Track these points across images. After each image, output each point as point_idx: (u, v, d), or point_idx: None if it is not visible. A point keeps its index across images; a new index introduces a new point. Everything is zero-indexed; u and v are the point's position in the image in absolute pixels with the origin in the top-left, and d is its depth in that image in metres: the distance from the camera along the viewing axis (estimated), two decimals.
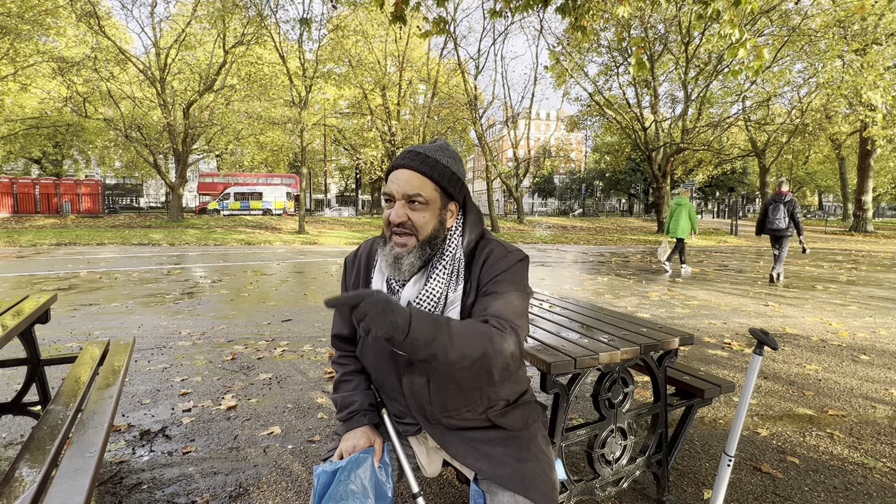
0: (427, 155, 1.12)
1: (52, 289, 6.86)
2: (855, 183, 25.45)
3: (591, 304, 2.45)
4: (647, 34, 20.00)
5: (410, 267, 1.12)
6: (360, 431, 1.23)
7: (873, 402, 3.05)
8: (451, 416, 1.21)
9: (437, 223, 1.13)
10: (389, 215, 1.12)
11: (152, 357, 3.82)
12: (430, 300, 1.12)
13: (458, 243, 1.17)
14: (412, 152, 1.13)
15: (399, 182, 1.11)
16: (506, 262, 1.15)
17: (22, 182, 23.99)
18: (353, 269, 1.30)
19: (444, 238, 1.16)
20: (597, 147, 45.31)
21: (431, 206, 1.12)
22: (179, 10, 24.09)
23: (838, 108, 21.03)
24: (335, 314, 1.35)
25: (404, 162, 1.11)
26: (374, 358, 1.24)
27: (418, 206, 1.11)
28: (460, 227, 1.19)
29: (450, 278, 1.14)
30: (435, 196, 1.12)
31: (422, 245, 1.12)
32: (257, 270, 9.22)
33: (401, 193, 1.10)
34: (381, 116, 25.67)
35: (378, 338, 0.99)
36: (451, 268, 1.14)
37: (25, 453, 1.38)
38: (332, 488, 1.13)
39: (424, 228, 1.11)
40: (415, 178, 1.10)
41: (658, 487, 1.97)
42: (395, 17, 4.62)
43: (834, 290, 7.43)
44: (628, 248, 16.62)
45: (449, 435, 1.23)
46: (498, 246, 1.19)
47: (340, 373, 1.33)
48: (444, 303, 1.13)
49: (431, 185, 1.11)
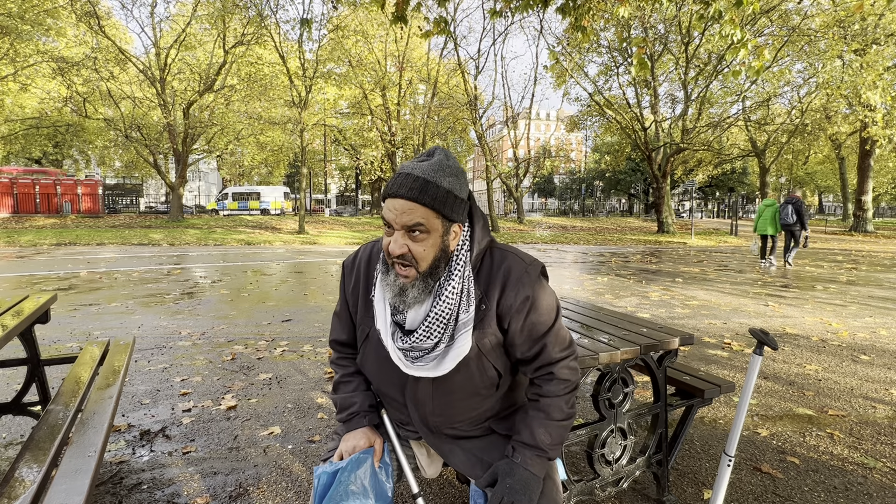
0: (426, 180, 1.01)
1: (52, 289, 6.86)
2: (855, 183, 25.45)
3: (591, 304, 2.45)
4: (648, 34, 20.00)
5: (415, 299, 1.06)
6: (360, 432, 1.23)
7: (873, 402, 3.05)
8: (453, 427, 1.21)
9: (440, 251, 1.05)
10: (389, 244, 1.04)
11: (152, 357, 3.82)
12: (440, 323, 1.06)
13: (467, 259, 1.09)
14: (410, 177, 1.01)
15: (396, 212, 1.01)
16: (529, 279, 1.10)
17: (22, 182, 23.98)
18: (353, 275, 1.24)
19: (449, 260, 1.08)
20: (597, 147, 45.29)
21: (433, 234, 1.03)
22: (179, 10, 24.08)
23: (838, 108, 21.01)
24: (334, 318, 1.33)
25: (402, 191, 1.01)
26: (376, 369, 1.21)
27: (419, 237, 1.02)
28: (468, 240, 1.11)
29: (460, 299, 1.07)
30: (436, 223, 1.03)
31: (423, 277, 1.05)
32: (257, 270, 9.22)
33: (400, 224, 1.02)
34: (381, 116, 25.67)
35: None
36: (460, 287, 1.07)
37: (25, 453, 1.38)
38: (332, 489, 1.13)
39: (425, 260, 1.04)
40: (415, 210, 1.00)
41: (658, 487, 1.97)
42: (396, 17, 4.62)
43: (834, 290, 7.43)
44: (628, 248, 16.62)
45: (450, 444, 1.23)
46: (514, 260, 1.12)
47: (340, 374, 1.32)
48: (455, 324, 1.07)
49: (433, 213, 1.02)
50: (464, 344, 1.08)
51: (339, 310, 1.30)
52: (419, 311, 1.08)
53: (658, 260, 12.14)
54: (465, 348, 1.08)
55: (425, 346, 1.07)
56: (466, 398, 1.16)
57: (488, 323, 1.10)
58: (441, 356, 1.09)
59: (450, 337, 1.08)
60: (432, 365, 1.09)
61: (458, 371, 1.11)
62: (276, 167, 39.04)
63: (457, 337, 1.08)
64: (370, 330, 1.19)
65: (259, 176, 45.34)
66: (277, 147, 28.52)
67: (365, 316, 1.20)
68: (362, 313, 1.21)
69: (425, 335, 1.07)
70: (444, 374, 1.11)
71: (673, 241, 18.93)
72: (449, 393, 1.14)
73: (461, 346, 1.08)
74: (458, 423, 1.20)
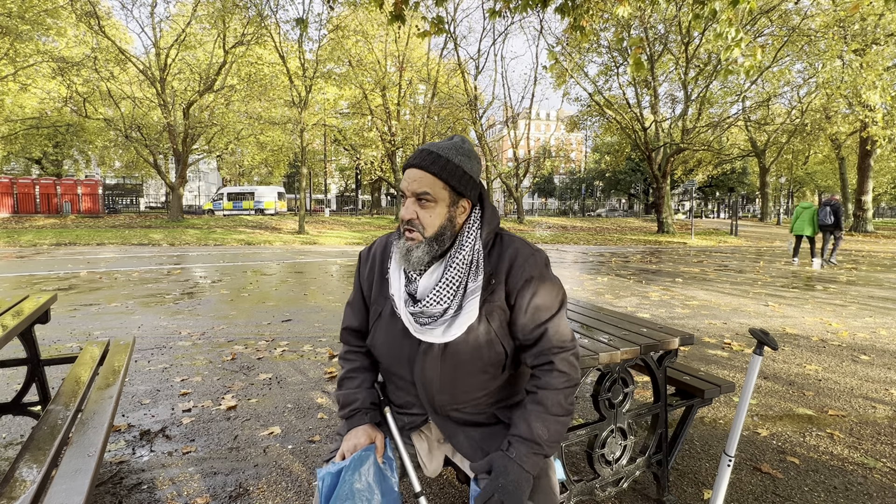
0: (439, 154, 1.15)
1: (52, 289, 6.86)
2: (855, 183, 25.45)
3: (591, 304, 2.45)
4: (647, 34, 19.98)
5: (418, 260, 1.15)
6: (361, 430, 1.24)
7: (873, 402, 3.05)
8: (458, 408, 1.23)
9: (446, 220, 1.16)
10: (401, 211, 1.17)
11: (152, 357, 3.82)
12: (449, 288, 1.14)
13: (477, 235, 1.19)
14: (425, 151, 1.16)
15: (409, 180, 1.15)
16: (535, 261, 1.18)
17: (22, 182, 23.98)
18: (368, 262, 1.33)
19: (457, 233, 1.19)
20: (597, 147, 45.30)
21: (439, 204, 1.15)
22: (179, 10, 24.09)
23: (838, 108, 21.01)
24: (346, 308, 1.38)
25: (416, 161, 1.15)
26: (387, 345, 1.25)
27: (426, 204, 1.14)
28: (478, 220, 1.21)
29: (468, 268, 1.16)
30: (444, 194, 1.15)
31: (428, 242, 1.15)
32: (257, 270, 9.22)
33: (410, 191, 1.15)
34: (381, 116, 25.68)
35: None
36: (469, 258, 1.17)
37: (25, 453, 1.38)
38: (337, 489, 1.14)
39: (430, 226, 1.15)
40: (424, 178, 1.14)
41: (658, 487, 1.97)
42: (395, 16, 4.61)
43: (834, 290, 7.44)
44: (628, 248, 16.62)
45: (453, 427, 1.25)
46: (522, 244, 1.21)
47: (346, 369, 1.35)
48: (464, 292, 1.15)
49: (440, 183, 1.14)
50: (471, 311, 1.14)
51: (353, 299, 1.37)
52: (430, 280, 1.17)
53: (658, 260, 12.14)
54: (472, 315, 1.14)
55: (435, 311, 1.15)
56: (473, 374, 1.19)
57: (497, 296, 1.17)
58: (449, 322, 1.15)
59: (458, 305, 1.15)
60: (441, 330, 1.15)
61: (466, 342, 1.16)
62: (276, 167, 39.01)
63: (465, 304, 1.15)
64: (383, 308, 1.25)
65: (259, 176, 45.34)
66: (277, 147, 28.54)
67: (379, 295, 1.28)
68: (376, 293, 1.29)
69: (435, 300, 1.14)
70: (453, 346, 1.16)
71: (673, 241, 18.93)
72: (456, 367, 1.18)
73: (469, 312, 1.15)
74: (464, 405, 1.22)
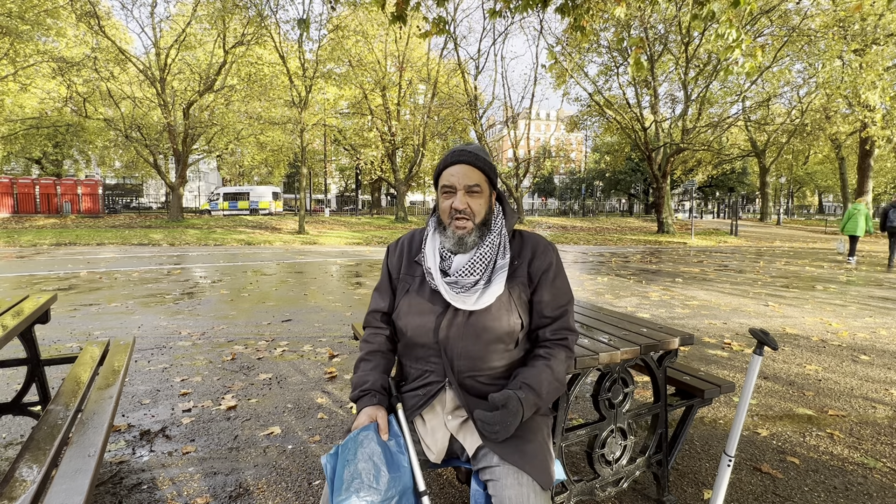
0: (475, 153, 1.35)
1: (52, 289, 6.85)
2: (855, 183, 25.44)
3: (591, 304, 2.45)
4: (647, 34, 19.97)
5: (472, 244, 1.34)
6: (364, 413, 1.29)
7: (873, 402, 3.05)
8: (474, 375, 1.33)
9: (488, 208, 1.37)
10: (452, 203, 1.32)
11: (152, 357, 3.82)
12: (482, 263, 1.33)
13: (503, 223, 1.40)
14: (464, 151, 1.35)
15: (459, 175, 1.32)
16: (552, 250, 1.42)
17: (22, 182, 23.98)
18: (396, 251, 1.49)
19: (493, 218, 1.39)
20: (597, 147, 45.28)
21: (484, 193, 1.35)
22: (179, 10, 24.08)
23: (838, 108, 21.01)
24: (373, 293, 1.52)
25: (462, 158, 1.33)
26: (414, 313, 1.37)
27: (475, 195, 1.33)
28: (501, 212, 1.42)
29: (497, 248, 1.37)
30: (486, 185, 1.36)
31: (479, 227, 1.34)
32: (257, 270, 9.22)
33: (462, 185, 1.32)
34: (381, 116, 25.68)
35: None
36: (498, 240, 1.37)
37: (25, 453, 1.38)
38: (338, 469, 1.15)
39: (479, 213, 1.34)
40: (472, 172, 1.33)
41: (658, 487, 1.97)
42: (396, 17, 4.62)
43: (834, 290, 7.43)
44: (628, 248, 16.62)
45: (466, 398, 1.32)
46: (539, 237, 1.44)
47: (364, 351, 1.44)
48: (494, 267, 1.35)
49: (484, 177, 1.35)
50: (500, 283, 1.32)
51: (380, 284, 1.52)
52: (464, 258, 1.35)
53: (658, 260, 12.14)
54: (499, 287, 1.32)
55: (467, 281, 1.32)
56: (491, 342, 1.31)
57: (520, 273, 1.37)
58: (482, 292, 1.32)
59: (488, 278, 1.33)
60: (474, 298, 1.31)
61: (489, 310, 1.31)
62: (277, 167, 39.03)
63: (493, 279, 1.33)
64: (411, 283, 1.42)
65: (259, 176, 45.34)
66: (277, 147, 28.56)
67: (406, 274, 1.44)
68: (405, 272, 1.45)
69: (468, 271, 1.33)
70: (477, 313, 1.32)
71: (673, 241, 18.92)
72: (478, 334, 1.31)
73: (497, 283, 1.32)
74: (480, 373, 1.33)
